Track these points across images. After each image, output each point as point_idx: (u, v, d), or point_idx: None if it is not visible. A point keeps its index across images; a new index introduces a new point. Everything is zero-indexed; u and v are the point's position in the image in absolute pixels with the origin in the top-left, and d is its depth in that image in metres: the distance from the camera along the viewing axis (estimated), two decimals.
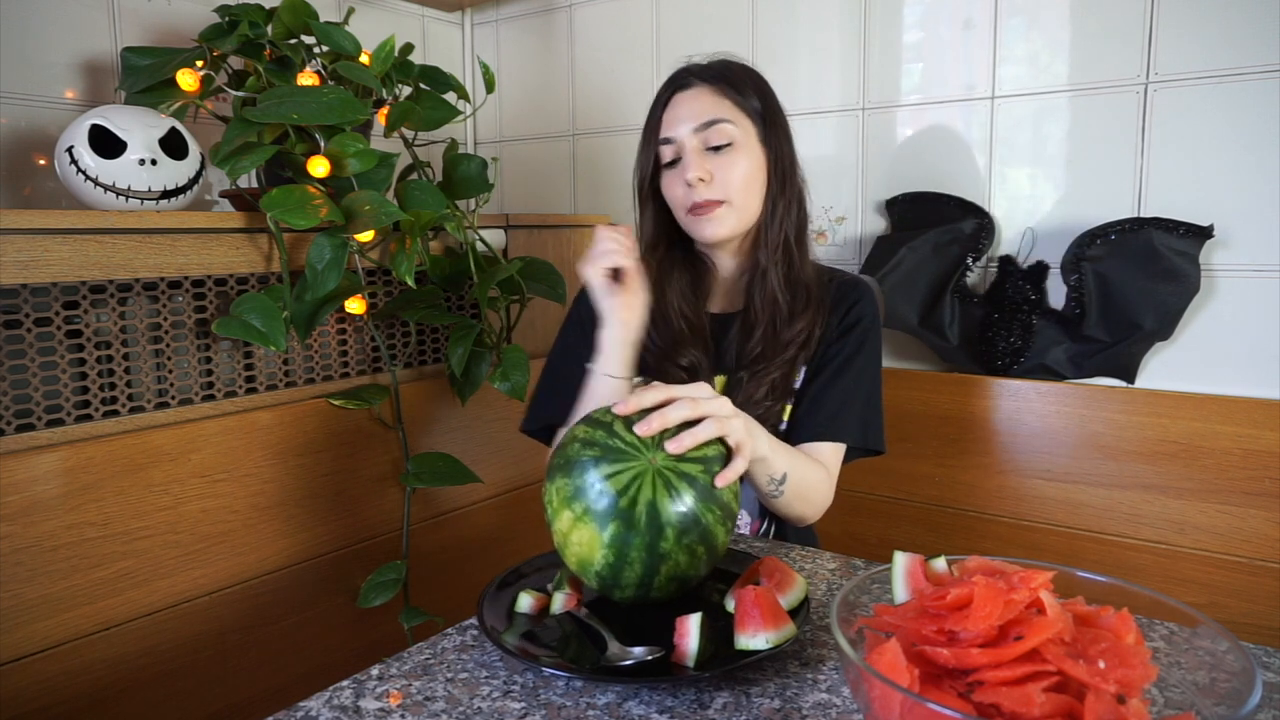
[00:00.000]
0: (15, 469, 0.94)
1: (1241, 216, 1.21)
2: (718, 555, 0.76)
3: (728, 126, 1.02)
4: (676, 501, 0.72)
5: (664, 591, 0.75)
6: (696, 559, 0.73)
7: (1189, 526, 1.25)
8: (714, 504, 0.74)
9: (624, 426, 0.76)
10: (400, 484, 1.34)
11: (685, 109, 1.03)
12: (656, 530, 0.71)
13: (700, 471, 0.74)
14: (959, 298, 1.38)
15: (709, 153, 1.02)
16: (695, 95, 1.04)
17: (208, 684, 1.13)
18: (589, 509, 0.72)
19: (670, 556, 0.72)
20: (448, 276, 1.38)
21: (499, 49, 2.00)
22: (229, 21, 1.23)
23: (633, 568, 0.72)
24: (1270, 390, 1.21)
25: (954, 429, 1.42)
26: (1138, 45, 1.25)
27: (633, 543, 0.71)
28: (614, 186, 1.86)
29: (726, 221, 1.03)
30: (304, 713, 0.65)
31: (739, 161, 1.02)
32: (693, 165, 1.01)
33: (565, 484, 0.74)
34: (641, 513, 0.71)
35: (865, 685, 0.53)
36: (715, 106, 1.03)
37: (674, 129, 1.04)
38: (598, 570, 0.74)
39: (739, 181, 1.02)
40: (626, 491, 0.72)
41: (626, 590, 0.74)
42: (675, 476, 0.73)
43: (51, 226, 0.97)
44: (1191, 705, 0.56)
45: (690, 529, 0.72)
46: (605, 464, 0.73)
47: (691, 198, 1.02)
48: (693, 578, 0.75)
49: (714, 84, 1.04)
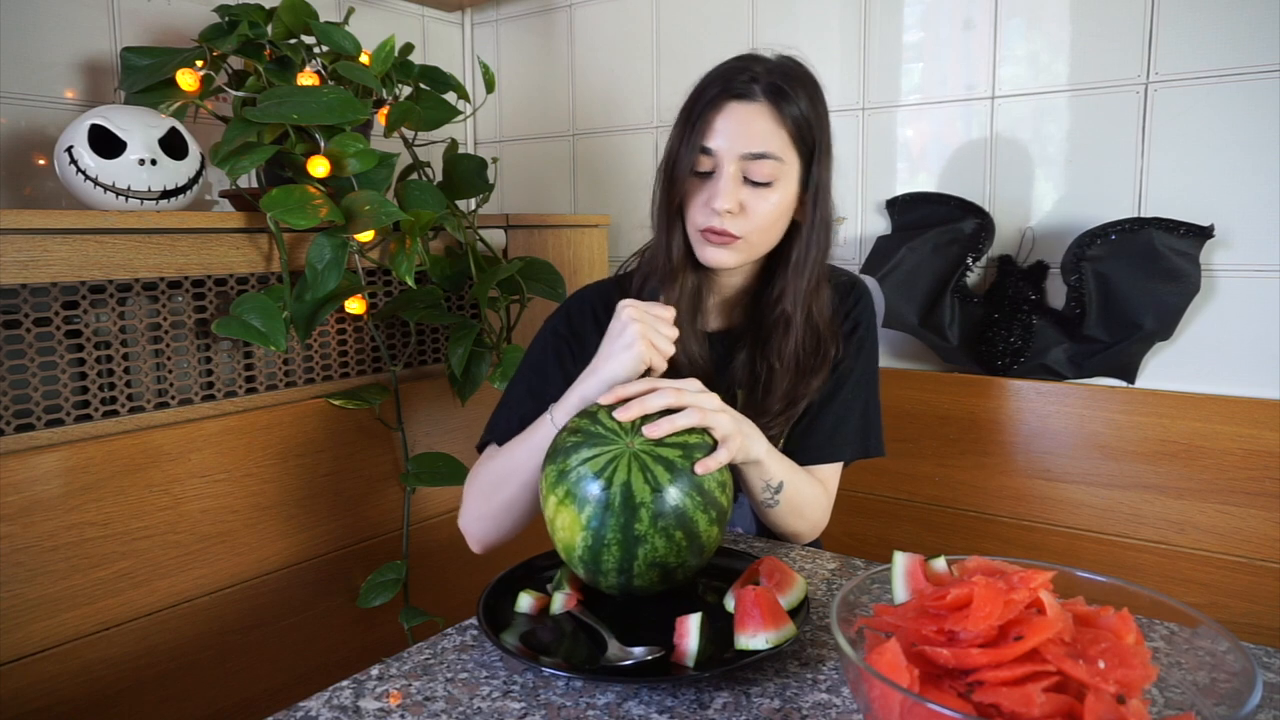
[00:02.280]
0: (15, 469, 0.94)
1: (1241, 216, 1.21)
2: (702, 546, 0.75)
3: (774, 164, 0.92)
4: (651, 483, 0.73)
5: (646, 581, 0.74)
6: (675, 545, 0.73)
7: (1189, 526, 1.25)
8: (693, 490, 0.74)
9: (607, 414, 0.78)
10: (400, 484, 1.34)
11: (738, 126, 0.92)
12: (631, 512, 0.72)
13: (679, 456, 0.75)
14: (959, 298, 1.38)
15: (745, 183, 0.93)
16: (752, 114, 0.92)
17: (208, 684, 1.13)
18: (570, 492, 0.74)
19: (646, 539, 0.72)
20: (448, 276, 1.38)
21: (499, 49, 2.00)
22: (229, 21, 1.23)
23: (610, 551, 0.73)
24: (1270, 390, 1.21)
25: (954, 429, 1.42)
26: (1138, 45, 1.25)
27: (608, 524, 0.72)
28: (614, 186, 1.86)
29: (737, 254, 0.96)
30: (304, 713, 0.65)
31: (771, 199, 0.94)
32: (725, 195, 0.92)
33: (551, 469, 0.77)
34: (616, 494, 0.72)
35: (865, 685, 0.53)
36: (769, 136, 0.92)
37: (719, 142, 0.93)
38: (579, 555, 0.75)
39: (764, 222, 0.94)
40: (603, 473, 0.73)
41: (609, 577, 0.75)
42: (651, 460, 0.74)
43: (51, 226, 0.97)
44: (1191, 705, 0.56)
45: (666, 513, 0.72)
46: (586, 448, 0.75)
47: (711, 221, 0.94)
48: (675, 567, 0.74)
49: (775, 104, 0.92)
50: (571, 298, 1.10)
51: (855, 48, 1.50)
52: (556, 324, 1.07)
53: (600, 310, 1.06)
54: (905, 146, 1.47)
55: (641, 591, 0.76)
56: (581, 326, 1.05)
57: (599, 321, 1.03)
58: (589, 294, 1.09)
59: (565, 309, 1.08)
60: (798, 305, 0.98)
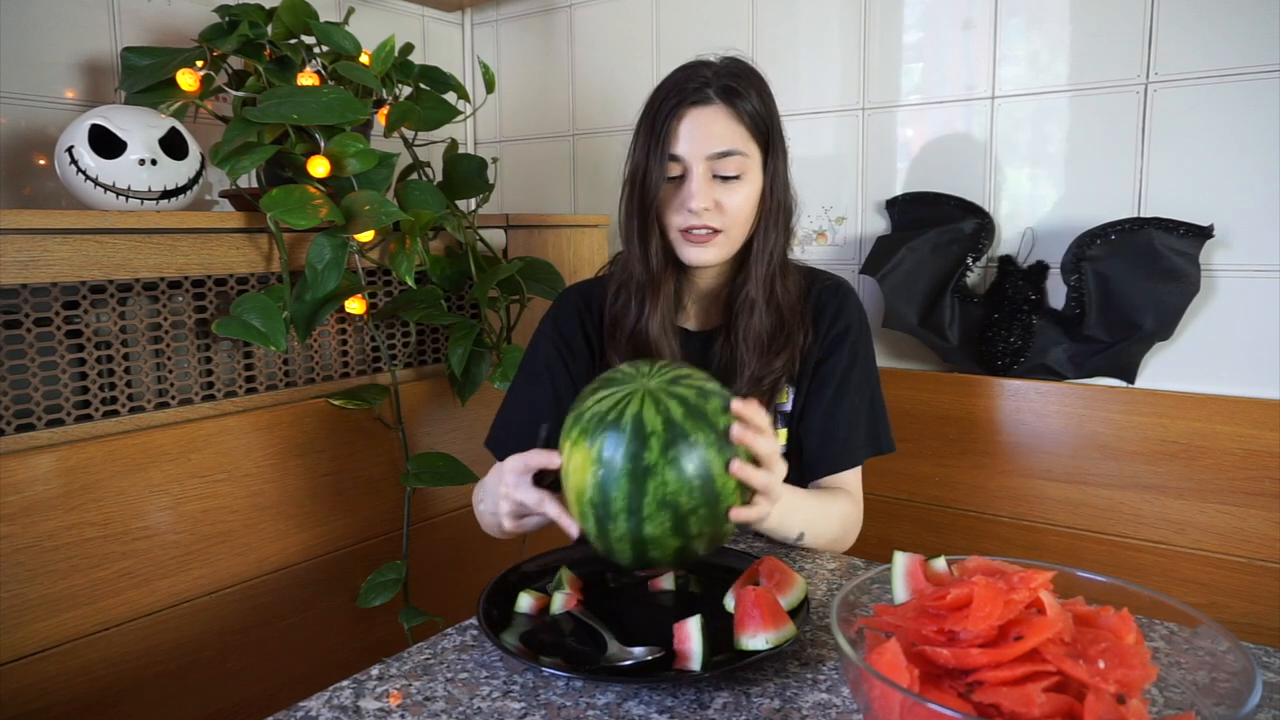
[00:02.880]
0: (15, 469, 0.94)
1: (1241, 216, 1.21)
2: (716, 493, 0.71)
3: (739, 159, 0.98)
4: (663, 414, 0.70)
5: (658, 526, 0.70)
6: (687, 483, 0.69)
7: (1189, 526, 1.25)
8: (706, 425, 0.71)
9: (627, 365, 0.77)
10: (400, 484, 1.34)
11: (699, 130, 0.98)
12: (641, 441, 0.69)
13: (694, 395, 0.73)
14: (959, 298, 1.38)
15: (715, 180, 0.98)
16: (710, 116, 0.98)
17: (208, 684, 1.13)
18: (583, 430, 0.73)
19: (656, 471, 0.69)
20: (448, 276, 1.38)
21: (499, 49, 2.00)
22: (229, 21, 1.23)
23: (619, 486, 0.69)
24: (1270, 390, 1.21)
25: (954, 429, 1.42)
26: (1138, 45, 1.25)
27: (619, 454, 0.69)
28: (614, 186, 1.84)
29: (720, 249, 1.01)
30: (304, 713, 0.65)
31: (742, 192, 0.99)
32: (699, 195, 0.97)
33: (570, 418, 0.75)
34: (627, 424, 0.70)
35: (865, 685, 0.53)
36: (730, 135, 0.98)
37: (685, 148, 0.98)
38: (590, 497, 0.71)
39: (740, 215, 0.99)
40: (615, 408, 0.72)
41: (618, 522, 0.70)
42: (666, 396, 0.72)
43: (51, 226, 0.97)
44: (1191, 705, 0.56)
45: (676, 442, 0.69)
46: (603, 390, 0.75)
47: (690, 222, 0.99)
48: (687, 512, 0.70)
49: (729, 104, 0.98)
50: (557, 301, 1.14)
51: (855, 48, 1.50)
52: (546, 329, 1.11)
53: (584, 309, 1.11)
54: (905, 146, 1.47)
55: (653, 546, 0.71)
56: (568, 328, 1.10)
57: (583, 321, 1.10)
58: (574, 295, 1.13)
59: (553, 314, 1.12)
60: (759, 289, 1.02)
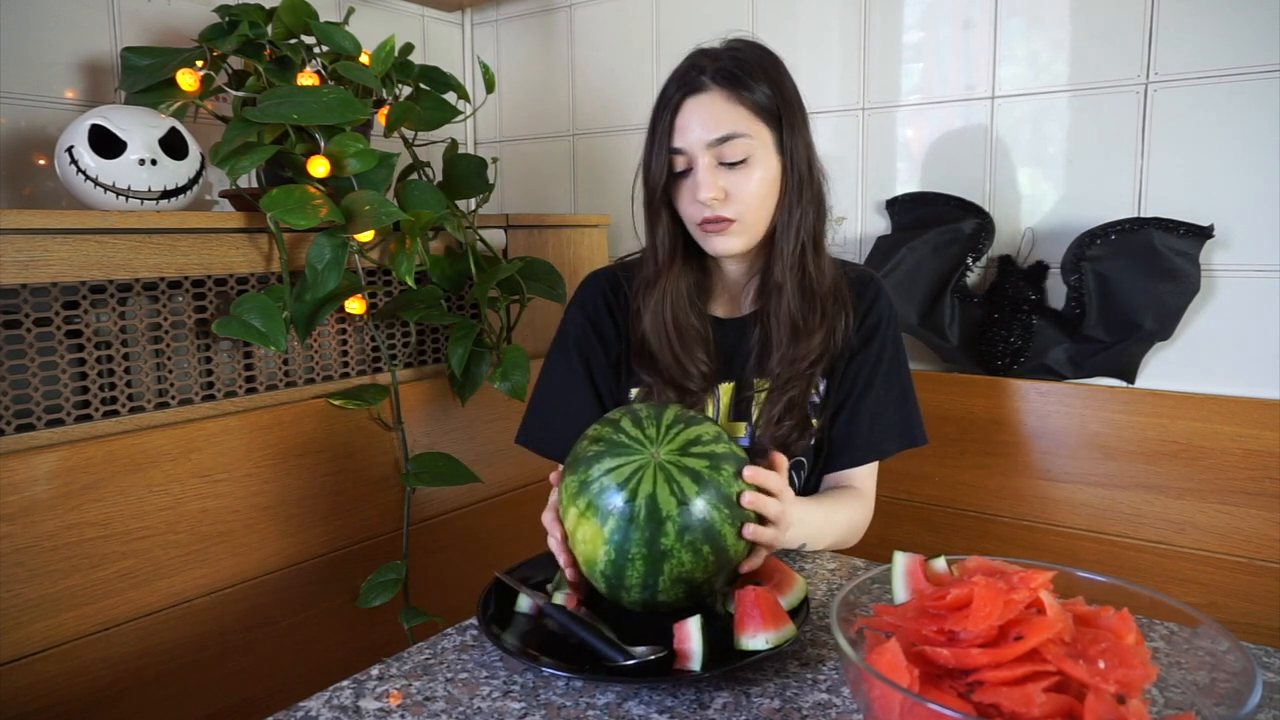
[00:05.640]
0: (15, 469, 0.94)
1: (1241, 216, 1.21)
2: (728, 559, 0.73)
3: (743, 142, 0.95)
4: (677, 495, 0.70)
5: (671, 595, 0.72)
6: (702, 560, 0.71)
7: (1189, 526, 1.25)
8: (721, 502, 0.72)
9: (630, 422, 0.75)
10: (400, 484, 1.34)
11: (698, 118, 0.96)
12: (656, 525, 0.69)
13: (705, 467, 0.72)
14: (959, 298, 1.38)
15: (722, 168, 0.96)
16: (708, 102, 0.96)
17: (208, 684, 1.13)
18: (591, 504, 0.72)
19: (673, 554, 0.70)
20: (448, 276, 1.38)
21: (499, 49, 2.00)
22: (229, 21, 1.23)
23: (634, 566, 0.70)
24: (1270, 390, 1.21)
25: (954, 429, 1.42)
26: (1138, 45, 1.25)
27: (632, 538, 0.70)
28: (614, 186, 1.86)
29: (740, 238, 0.99)
30: (304, 713, 0.65)
31: (753, 176, 0.96)
32: (706, 185, 0.95)
33: (572, 480, 0.74)
34: (640, 507, 0.69)
35: (865, 685, 0.53)
36: (730, 118, 0.95)
37: (685, 139, 0.96)
38: (601, 570, 0.72)
39: (752, 200, 0.97)
40: (627, 484, 0.70)
41: (633, 592, 0.72)
42: (678, 471, 0.71)
43: (51, 226, 0.97)
44: (1191, 705, 0.56)
45: (693, 525, 0.70)
46: (609, 458, 0.72)
47: (703, 214, 0.97)
48: (701, 582, 0.72)
49: (728, 88, 0.95)
50: (581, 287, 1.14)
51: (855, 48, 1.50)
52: (573, 316, 1.12)
53: (609, 292, 1.11)
54: (905, 146, 1.47)
55: (665, 608, 0.74)
56: (595, 314, 1.10)
57: (610, 304, 1.10)
58: (599, 279, 1.13)
59: (578, 302, 1.13)
60: (788, 267, 1.00)
